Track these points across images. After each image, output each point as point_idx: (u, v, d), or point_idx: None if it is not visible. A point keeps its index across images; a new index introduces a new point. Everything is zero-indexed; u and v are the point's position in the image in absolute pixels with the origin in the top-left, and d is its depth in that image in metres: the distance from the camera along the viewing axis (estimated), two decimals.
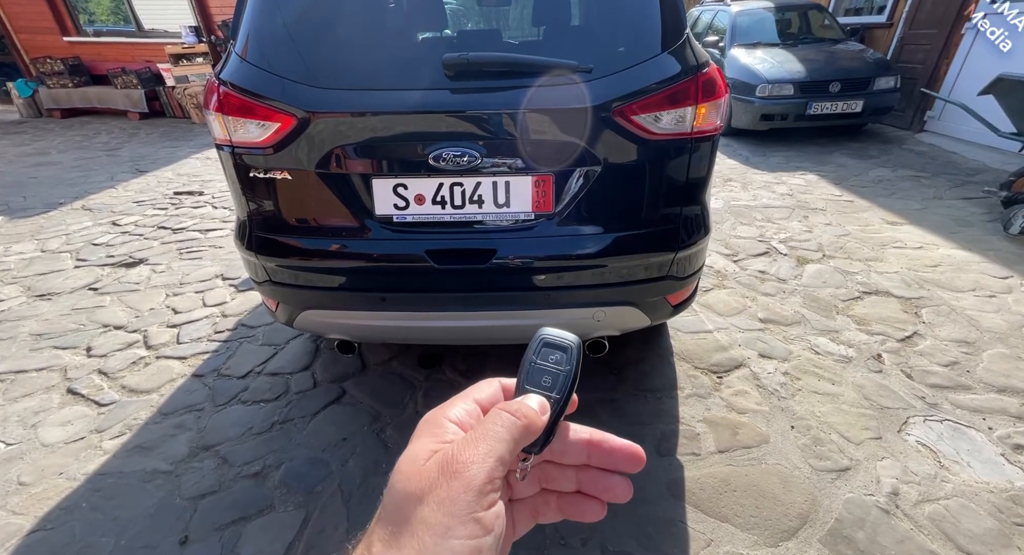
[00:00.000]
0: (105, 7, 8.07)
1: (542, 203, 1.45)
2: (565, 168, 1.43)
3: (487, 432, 0.28)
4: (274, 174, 1.43)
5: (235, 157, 1.44)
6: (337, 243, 1.51)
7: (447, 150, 1.36)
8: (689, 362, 2.14)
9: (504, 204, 1.44)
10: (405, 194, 1.44)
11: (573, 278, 1.53)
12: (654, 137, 1.40)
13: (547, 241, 1.49)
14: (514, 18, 4.70)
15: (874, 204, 3.81)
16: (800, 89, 5.29)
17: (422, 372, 2.11)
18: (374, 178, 1.43)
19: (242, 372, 2.11)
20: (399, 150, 1.42)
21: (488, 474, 0.26)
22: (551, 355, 0.34)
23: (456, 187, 1.43)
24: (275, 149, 1.39)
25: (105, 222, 3.73)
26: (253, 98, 1.37)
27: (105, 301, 2.66)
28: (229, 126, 1.40)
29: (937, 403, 1.84)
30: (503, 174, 1.43)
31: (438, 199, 1.44)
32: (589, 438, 0.33)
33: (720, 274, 2.88)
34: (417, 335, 1.74)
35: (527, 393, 0.32)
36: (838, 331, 2.29)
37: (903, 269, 2.82)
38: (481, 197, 1.44)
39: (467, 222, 1.47)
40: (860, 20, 7.30)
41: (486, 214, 1.46)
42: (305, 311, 1.56)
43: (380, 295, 1.51)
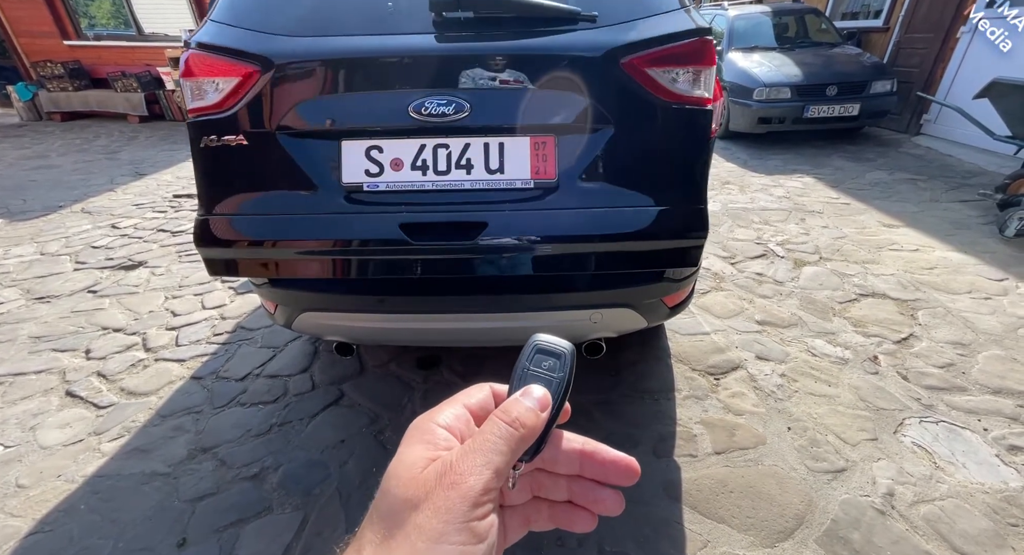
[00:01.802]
0: (106, 11, 8.10)
1: (543, 169, 1.26)
2: (569, 127, 1.25)
3: (485, 443, 0.28)
4: (232, 141, 1.27)
5: (197, 128, 1.29)
6: (295, 222, 1.28)
7: (431, 100, 1.19)
8: (686, 364, 2.15)
9: (497, 170, 1.25)
10: (379, 158, 1.25)
11: (578, 264, 1.32)
12: (672, 99, 1.25)
13: (549, 217, 1.27)
14: None
15: (871, 207, 3.83)
16: (797, 92, 5.32)
17: (420, 374, 2.11)
18: (344, 140, 1.25)
19: (241, 374, 2.11)
20: (373, 103, 1.24)
21: (485, 485, 0.27)
22: (544, 362, 0.33)
23: (441, 150, 1.24)
24: (235, 110, 1.25)
25: (104, 225, 3.74)
26: (214, 53, 1.26)
27: (104, 304, 2.67)
28: (193, 92, 1.28)
29: (933, 404, 1.85)
30: (496, 134, 1.25)
31: (418, 164, 1.25)
32: (582, 448, 0.33)
33: (717, 276, 2.89)
34: (415, 337, 1.74)
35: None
36: (835, 333, 2.30)
37: (899, 271, 2.83)
38: (470, 161, 1.25)
39: (453, 191, 1.26)
40: (857, 24, 7.35)
41: (476, 181, 1.26)
42: (304, 313, 1.57)
43: (378, 297, 1.51)
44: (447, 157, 1.26)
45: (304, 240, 1.31)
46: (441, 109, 1.21)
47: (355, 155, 1.26)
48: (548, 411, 0.31)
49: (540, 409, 0.31)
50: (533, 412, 0.30)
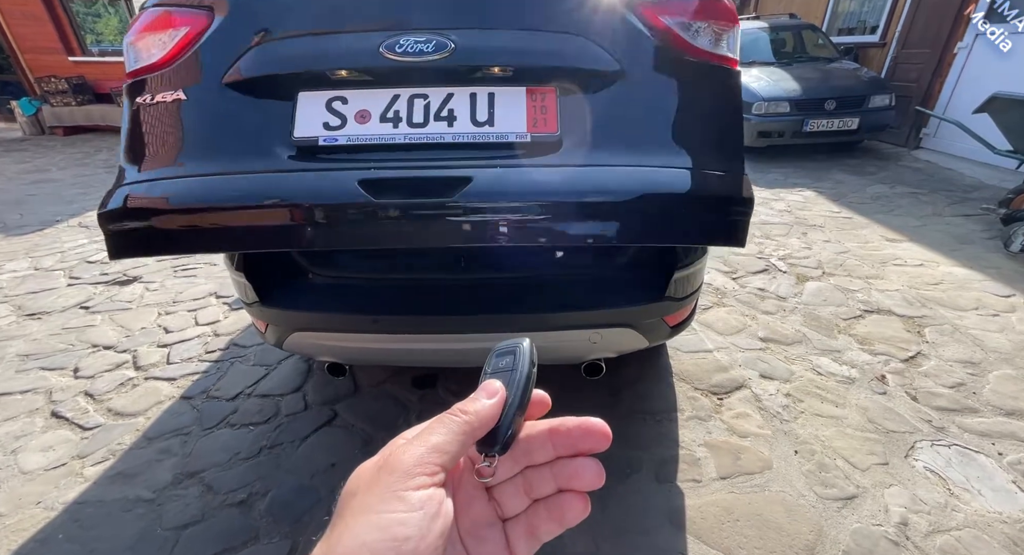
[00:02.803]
0: (113, 28, 8.21)
1: (541, 122, 1.07)
2: (574, 78, 1.09)
3: (425, 429, 0.30)
4: (171, 97, 1.11)
5: (134, 89, 1.15)
6: (227, 183, 1.05)
7: (408, 37, 1.03)
8: (689, 383, 2.09)
9: (486, 122, 1.07)
10: (342, 110, 1.07)
11: (594, 235, 1.07)
12: (695, 55, 1.12)
13: (555, 174, 1.05)
14: None
15: (873, 221, 3.80)
16: (796, 107, 5.34)
17: (416, 393, 2.06)
18: (302, 91, 1.08)
19: (232, 394, 2.06)
20: (338, 45, 1.08)
21: (417, 458, 0.27)
22: (501, 361, 0.34)
23: (418, 100, 1.06)
24: (178, 64, 1.10)
25: (100, 239, 3.71)
26: (168, 6, 1.14)
27: (96, 320, 2.62)
28: (137, 54, 1.15)
29: (944, 427, 1.79)
30: (485, 83, 1.08)
31: (389, 115, 1.06)
32: (548, 427, 0.33)
33: (719, 292, 2.85)
34: (409, 358, 1.70)
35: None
36: (840, 351, 2.25)
37: (904, 287, 2.79)
38: (452, 112, 1.06)
39: (430, 145, 1.06)
40: (854, 40, 7.42)
41: (459, 135, 1.06)
42: (295, 333, 1.53)
43: (371, 316, 1.47)
44: (424, 108, 1.07)
45: (235, 205, 1.05)
46: (419, 47, 1.03)
47: (313, 107, 1.07)
48: (498, 397, 0.31)
49: (487, 397, 0.31)
50: (474, 400, 0.31)
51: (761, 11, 10.01)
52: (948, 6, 5.36)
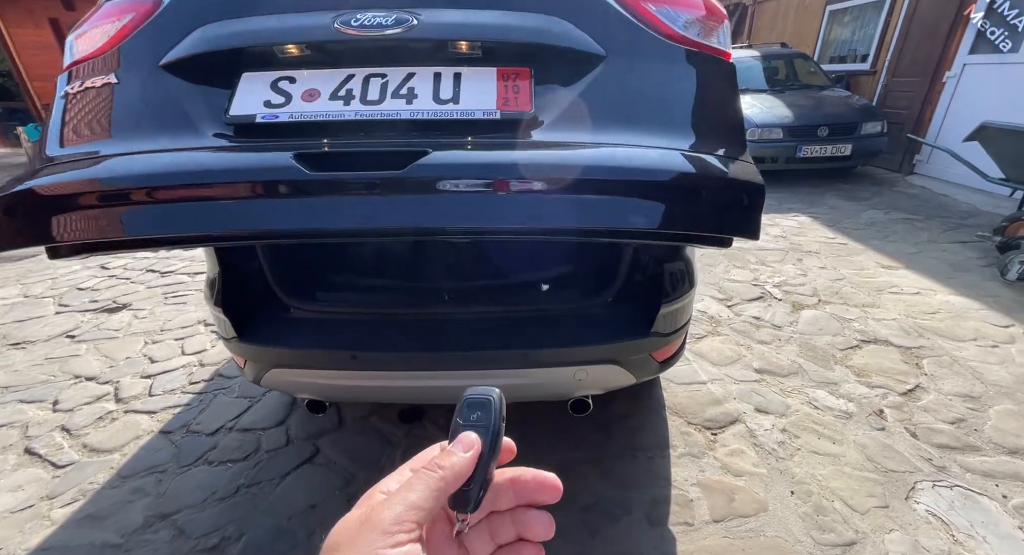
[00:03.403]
0: None
1: (513, 101, 0.97)
2: (551, 57, 1.01)
3: (404, 486, 0.31)
4: (98, 83, 1.03)
5: (67, 78, 1.08)
6: (138, 164, 0.92)
7: (365, 12, 0.96)
8: (682, 417, 2.04)
9: (450, 100, 0.97)
10: (289, 89, 0.98)
11: (566, 217, 0.91)
12: (685, 43, 1.07)
13: (522, 149, 0.93)
14: None
15: (868, 247, 3.78)
16: (789, 133, 5.40)
17: (402, 428, 2.01)
18: (245, 73, 1.00)
19: (212, 428, 2.01)
20: (287, 20, 1.00)
21: (396, 517, 0.28)
22: (473, 414, 0.35)
23: (374, 79, 0.98)
24: (112, 50, 1.04)
25: (94, 265, 3.71)
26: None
27: (81, 349, 2.59)
28: (73, 49, 1.10)
29: (945, 466, 1.73)
30: (451, 63, 1.00)
31: (341, 93, 0.97)
32: (511, 476, 0.35)
33: (714, 320, 2.81)
34: (389, 395, 1.65)
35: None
36: (837, 383, 2.19)
37: (901, 316, 2.75)
38: (413, 91, 0.97)
39: (384, 121, 0.95)
40: (845, 67, 7.57)
41: (418, 111, 0.95)
42: (272, 369, 1.49)
43: (350, 353, 1.44)
44: (382, 86, 0.97)
45: (143, 185, 0.90)
46: (379, 21, 0.95)
47: (256, 87, 0.98)
48: (474, 451, 0.33)
49: (463, 450, 0.33)
50: (450, 453, 0.32)
51: (754, 40, 10.27)
52: (935, 37, 5.47)
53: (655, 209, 0.93)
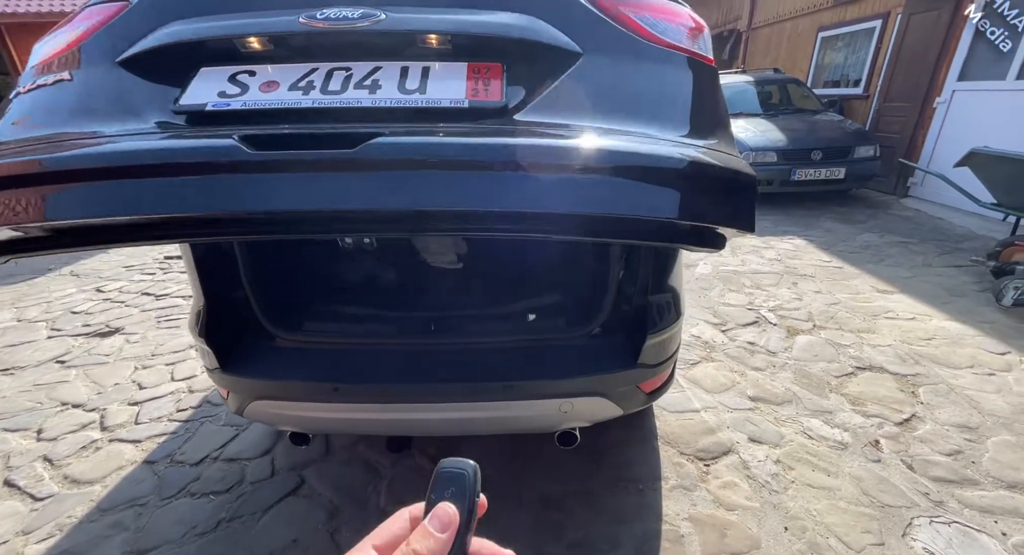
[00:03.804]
0: None
1: (483, 92, 0.94)
2: (525, 53, 0.98)
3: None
4: (50, 81, 1.02)
5: (26, 76, 1.06)
6: (74, 148, 0.86)
7: (332, 8, 0.95)
8: (674, 447, 2.00)
9: (416, 90, 0.93)
10: (247, 81, 0.95)
11: (541, 202, 0.83)
12: (663, 45, 1.05)
13: (491, 131, 0.89)
14: None
15: (863, 271, 3.78)
16: (783, 157, 5.46)
17: (389, 457, 1.97)
18: (204, 67, 0.97)
19: (197, 458, 1.98)
20: (249, 16, 0.98)
21: None
22: (447, 490, 0.35)
23: (338, 72, 0.95)
24: (70, 51, 1.03)
25: (89, 288, 3.71)
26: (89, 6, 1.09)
27: (70, 375, 2.57)
28: (35, 54, 1.09)
29: (943, 501, 1.69)
30: (420, 58, 0.97)
31: (301, 85, 0.93)
32: (474, 549, 0.35)
33: (708, 345, 2.79)
34: (372, 428, 1.63)
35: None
36: (832, 412, 2.16)
37: (897, 342, 2.72)
38: (377, 82, 0.93)
39: (343, 109, 0.90)
40: (838, 92, 7.70)
41: (381, 100, 0.91)
42: (255, 401, 1.48)
43: (332, 385, 1.42)
44: (345, 78, 0.94)
45: (75, 168, 0.83)
46: (344, 14, 0.94)
47: (213, 79, 0.95)
48: (450, 531, 0.32)
49: (440, 530, 0.32)
50: (426, 536, 0.32)
51: (748, 66, 10.48)
52: (924, 63, 5.58)
53: (638, 195, 0.85)
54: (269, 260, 1.64)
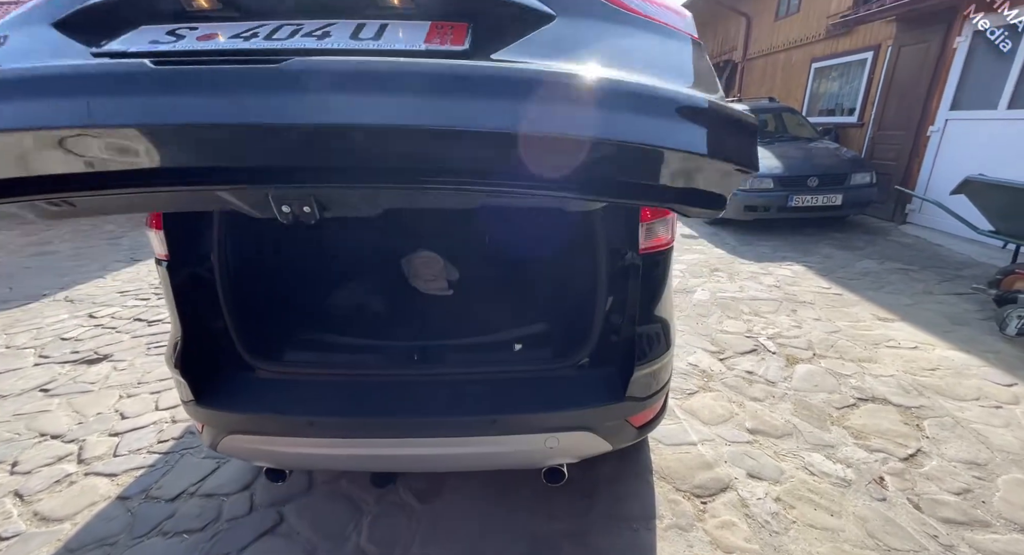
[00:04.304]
0: None
1: (446, 40, 0.88)
2: (493, 11, 0.95)
3: None
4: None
5: None
6: None
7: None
8: (670, 482, 1.92)
9: (371, 38, 0.87)
10: (185, 33, 0.88)
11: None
12: (637, 14, 1.01)
13: (452, 62, 0.80)
14: None
15: (863, 298, 3.73)
16: (779, 183, 5.49)
17: (373, 493, 1.89)
18: (143, 25, 0.92)
19: (174, 493, 1.91)
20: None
21: None
22: None
23: (287, 27, 0.89)
24: (11, 19, 0.99)
25: (82, 314, 3.69)
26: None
27: (52, 405, 2.52)
28: None
29: (953, 544, 1.59)
30: (379, 17, 0.93)
31: (243, 34, 0.87)
32: None
33: (706, 374, 2.72)
34: (351, 464, 1.58)
35: None
36: (834, 446, 2.08)
37: (899, 372, 2.65)
38: (328, 33, 0.88)
39: (282, 50, 0.83)
40: (833, 120, 7.81)
41: (327, 45, 0.85)
42: (228, 435, 1.43)
43: (307, 419, 1.37)
44: (293, 30, 0.88)
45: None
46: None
47: (148, 33, 0.89)
48: None
49: None
50: None
51: (744, 95, 10.69)
52: (916, 93, 5.66)
53: (644, 122, 0.78)
54: (251, 286, 1.62)
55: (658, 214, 1.43)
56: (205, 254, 1.47)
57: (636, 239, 1.42)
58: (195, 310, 1.48)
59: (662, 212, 1.44)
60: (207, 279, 1.49)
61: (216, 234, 1.46)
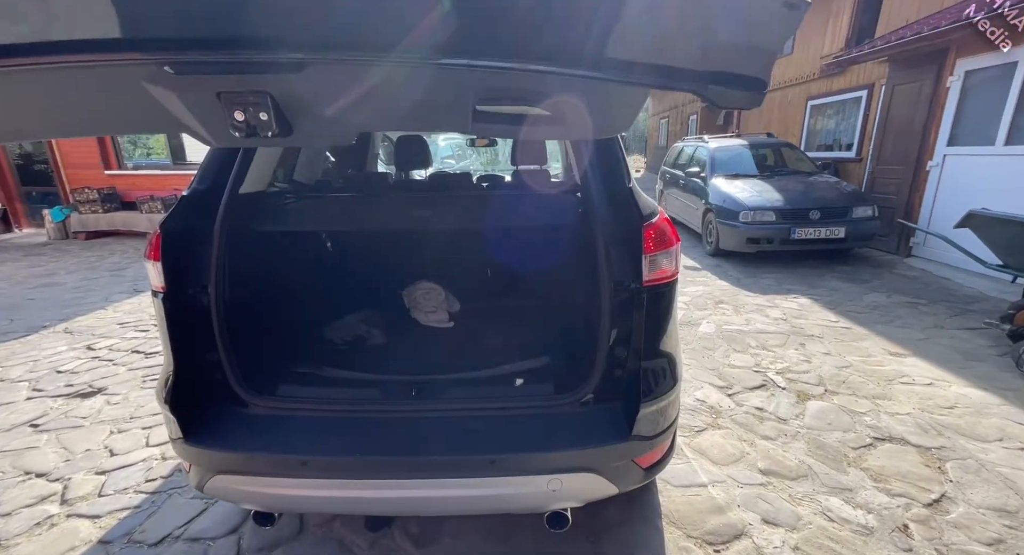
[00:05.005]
0: (162, 142, 9.03)
1: None
2: None
3: None
4: None
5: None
6: None
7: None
8: (680, 528, 1.82)
9: None
10: None
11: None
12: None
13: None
14: None
15: (873, 332, 3.65)
16: (781, 216, 5.51)
17: (368, 537, 1.80)
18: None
19: (158, 536, 1.81)
20: None
21: None
22: None
23: None
24: None
25: (80, 346, 3.65)
26: None
27: (41, 441, 2.45)
28: None
29: None
30: None
31: None
32: None
33: (714, 411, 2.63)
34: (345, 507, 1.50)
35: None
36: (852, 490, 1.97)
37: (916, 410, 2.56)
38: None
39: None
40: (832, 155, 7.93)
41: None
42: (217, 475, 1.36)
43: (300, 458, 1.31)
44: None
45: None
46: None
47: None
48: None
49: None
50: None
51: (743, 130, 10.93)
52: (912, 130, 5.75)
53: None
54: (246, 317, 1.59)
55: (661, 246, 1.41)
56: (202, 285, 1.45)
57: (640, 271, 1.39)
58: (189, 343, 1.45)
59: (665, 243, 1.42)
60: (203, 311, 1.46)
61: (214, 264, 1.44)
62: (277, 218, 1.78)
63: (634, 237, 1.40)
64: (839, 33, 7.77)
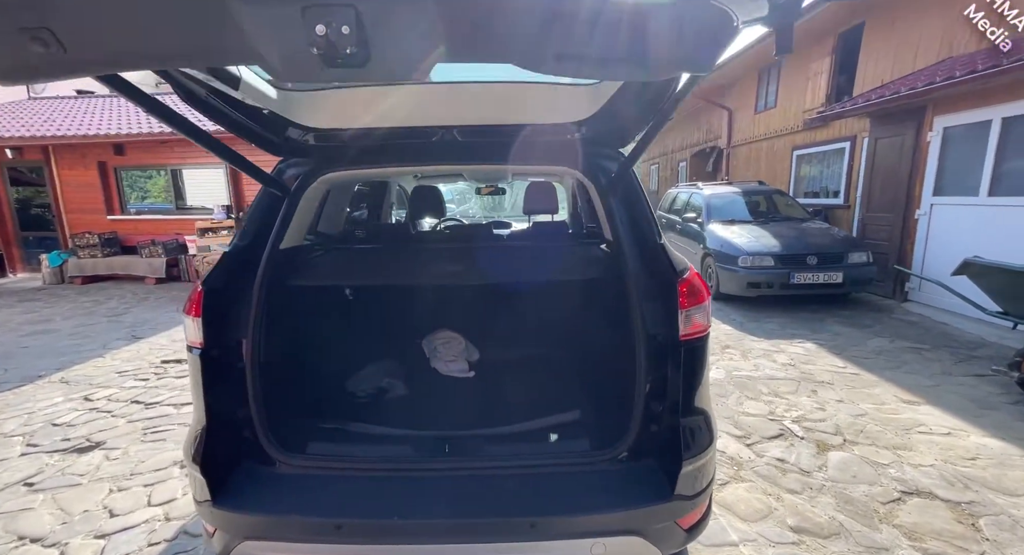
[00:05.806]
0: (160, 187, 9.14)
1: None
2: None
3: None
4: None
5: None
6: None
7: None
8: None
9: None
10: None
11: None
12: None
13: None
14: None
15: (882, 378, 3.66)
16: (780, 261, 5.63)
17: None
18: None
19: None
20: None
21: None
22: None
23: None
24: None
25: (77, 397, 3.54)
26: None
27: (36, 501, 2.32)
28: None
29: None
30: None
31: None
32: None
33: (735, 462, 2.58)
34: None
35: None
36: (888, 550, 1.92)
37: (938, 462, 2.53)
38: None
39: None
40: (820, 202, 8.22)
41: None
42: (245, 542, 1.30)
43: (334, 521, 1.26)
44: None
45: None
46: None
47: None
48: None
49: None
50: None
51: (732, 178, 11.35)
52: (898, 179, 6.02)
53: None
54: (278, 373, 1.57)
55: (694, 301, 1.44)
56: (238, 342, 1.45)
57: (675, 325, 1.41)
58: (221, 400, 1.43)
59: (698, 298, 1.45)
60: (236, 367, 1.45)
61: (252, 320, 1.44)
62: (309, 272, 1.79)
63: (668, 292, 1.43)
64: (819, 91, 8.26)
